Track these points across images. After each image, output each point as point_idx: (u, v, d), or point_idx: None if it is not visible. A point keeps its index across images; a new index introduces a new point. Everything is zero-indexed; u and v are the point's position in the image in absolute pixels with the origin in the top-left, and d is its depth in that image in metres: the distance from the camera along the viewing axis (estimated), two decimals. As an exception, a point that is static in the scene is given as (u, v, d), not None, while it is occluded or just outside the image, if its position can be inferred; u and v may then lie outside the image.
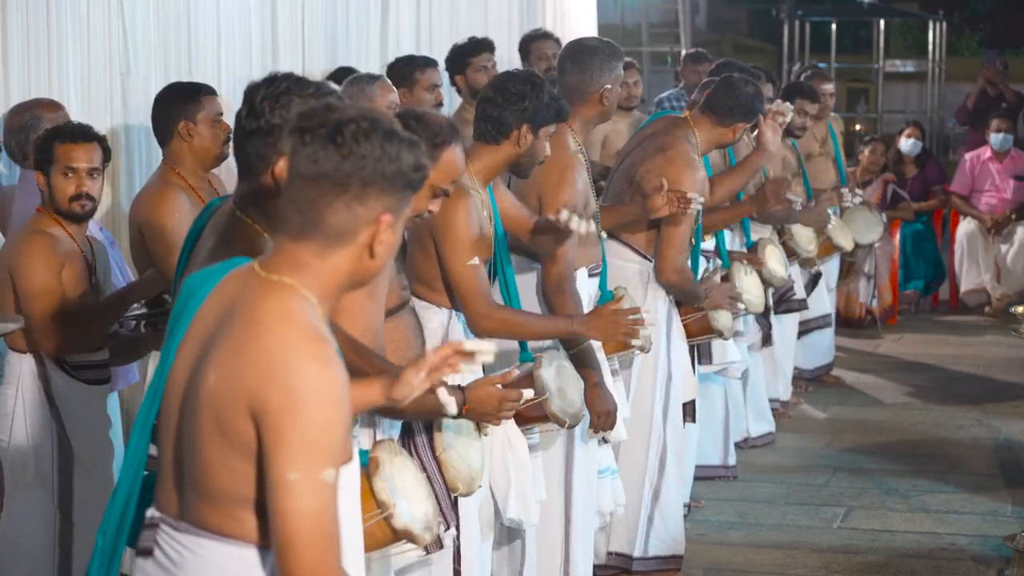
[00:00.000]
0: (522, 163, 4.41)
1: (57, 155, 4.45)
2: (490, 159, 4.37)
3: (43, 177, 4.48)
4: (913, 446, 7.46)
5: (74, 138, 4.48)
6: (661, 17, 15.60)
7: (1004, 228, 10.70)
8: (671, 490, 5.53)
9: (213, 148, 5.01)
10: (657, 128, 5.62)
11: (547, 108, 4.36)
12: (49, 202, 4.49)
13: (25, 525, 4.46)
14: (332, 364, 2.40)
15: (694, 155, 5.45)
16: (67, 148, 4.45)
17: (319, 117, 2.44)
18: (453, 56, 7.28)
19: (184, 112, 4.97)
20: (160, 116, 5.02)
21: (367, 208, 2.44)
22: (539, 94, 4.35)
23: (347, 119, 2.43)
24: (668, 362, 5.49)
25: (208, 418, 2.43)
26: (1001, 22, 24.18)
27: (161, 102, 5.04)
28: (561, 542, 4.83)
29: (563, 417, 4.34)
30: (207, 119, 4.97)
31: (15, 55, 5.23)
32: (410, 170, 2.47)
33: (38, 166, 4.49)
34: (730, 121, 5.55)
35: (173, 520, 2.54)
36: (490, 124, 4.35)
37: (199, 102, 4.98)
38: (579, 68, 5.00)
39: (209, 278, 2.57)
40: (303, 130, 2.44)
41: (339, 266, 2.47)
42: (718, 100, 5.59)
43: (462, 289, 4.18)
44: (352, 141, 2.41)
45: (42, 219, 4.53)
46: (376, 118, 2.46)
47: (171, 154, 5.01)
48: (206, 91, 5.05)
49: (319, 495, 2.35)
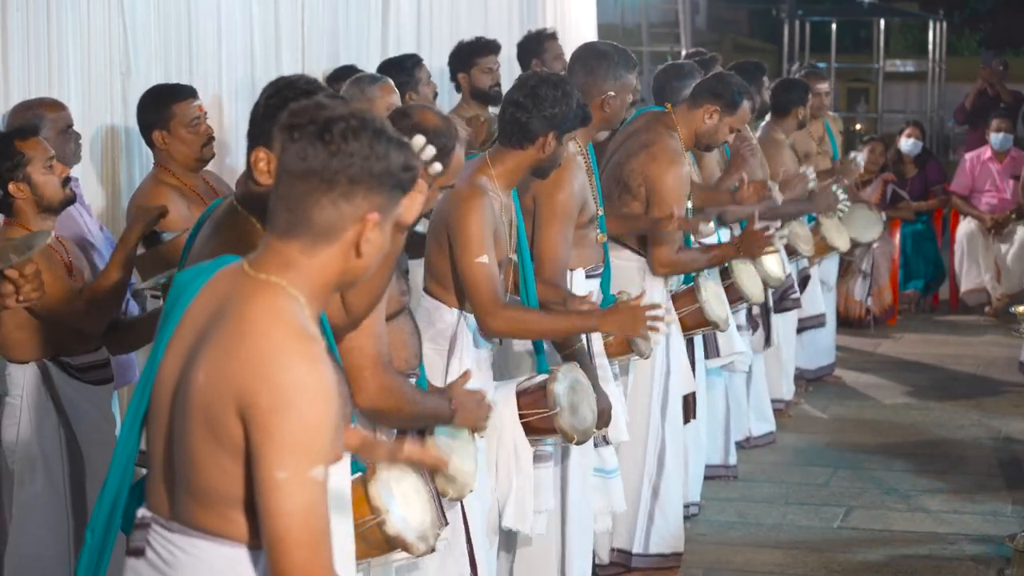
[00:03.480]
0: (543, 166, 4.41)
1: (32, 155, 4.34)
2: (513, 163, 4.36)
3: (21, 184, 4.32)
4: (913, 446, 7.47)
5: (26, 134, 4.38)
6: (661, 17, 15.58)
7: (1004, 228, 10.70)
8: (671, 487, 5.53)
9: (192, 153, 5.02)
10: (639, 125, 5.61)
11: (575, 116, 4.36)
12: (36, 202, 4.37)
13: (38, 534, 4.42)
14: (320, 363, 2.40)
15: (678, 149, 5.46)
16: (29, 144, 4.36)
17: (308, 114, 2.45)
18: (459, 53, 7.27)
19: (157, 121, 4.99)
20: (139, 124, 5.06)
21: (353, 206, 2.44)
22: (569, 101, 4.34)
23: (336, 117, 2.44)
24: (667, 357, 5.50)
25: (198, 418, 2.43)
26: (1001, 22, 24.17)
27: (139, 109, 5.09)
28: (557, 543, 4.83)
29: (572, 433, 4.35)
30: (181, 125, 4.98)
31: (15, 55, 5.22)
32: (398, 170, 2.47)
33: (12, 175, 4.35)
34: (700, 101, 5.54)
35: (165, 520, 2.54)
36: (517, 128, 4.33)
37: (171, 110, 4.99)
38: (585, 71, 5.01)
39: (198, 276, 2.58)
40: (292, 127, 2.44)
41: (326, 265, 2.48)
42: (696, 87, 5.67)
43: (469, 286, 4.17)
44: (340, 139, 2.42)
45: (11, 230, 4.38)
46: (365, 117, 2.46)
47: (157, 156, 5.05)
48: (181, 96, 5.03)
49: (309, 493, 2.35)
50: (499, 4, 9.42)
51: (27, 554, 4.43)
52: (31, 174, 4.32)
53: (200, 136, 5.00)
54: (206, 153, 5.08)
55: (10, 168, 4.31)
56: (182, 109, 4.99)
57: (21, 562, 4.44)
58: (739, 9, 24.18)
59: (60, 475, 4.44)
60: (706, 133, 5.56)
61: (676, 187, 5.33)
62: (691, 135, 5.55)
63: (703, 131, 5.55)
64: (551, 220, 4.71)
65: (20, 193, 4.32)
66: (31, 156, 4.32)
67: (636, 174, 5.37)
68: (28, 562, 4.43)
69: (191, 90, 5.13)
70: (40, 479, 4.42)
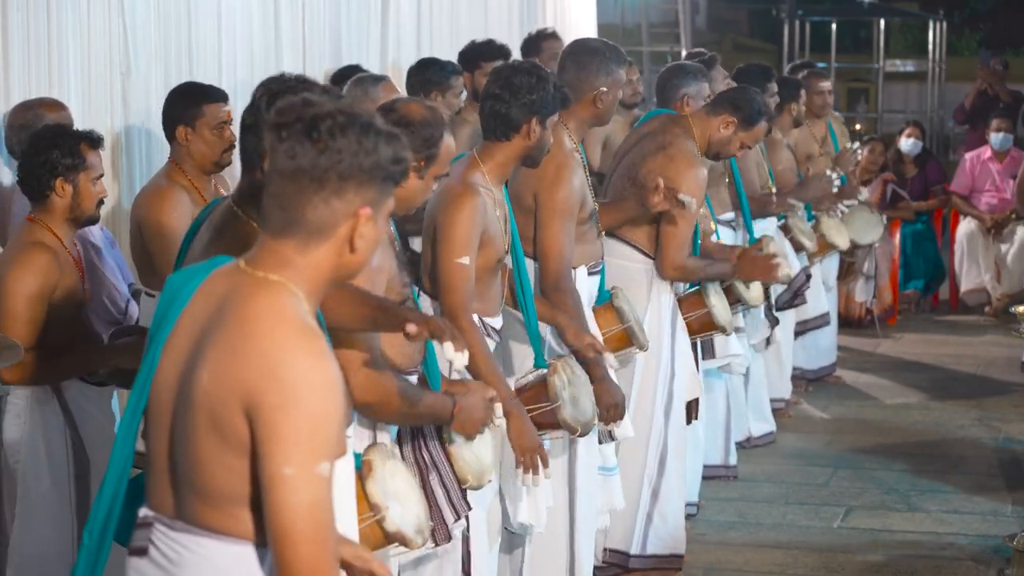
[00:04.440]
0: (532, 155, 4.41)
1: (90, 161, 4.37)
2: (502, 156, 4.36)
3: (67, 185, 4.34)
4: (913, 446, 7.47)
5: (94, 143, 4.42)
6: (661, 17, 15.58)
7: (1004, 228, 10.70)
8: (672, 489, 5.53)
9: (211, 155, 5.00)
10: (654, 126, 5.60)
11: (553, 98, 4.36)
12: (71, 208, 4.39)
13: (42, 533, 4.41)
14: (325, 358, 2.41)
15: (695, 152, 5.45)
16: (92, 153, 4.40)
17: (295, 112, 2.45)
18: (467, 52, 7.31)
19: (184, 117, 4.97)
20: (164, 116, 5.04)
21: (345, 202, 2.44)
22: (545, 85, 4.34)
23: (323, 114, 2.43)
24: (672, 360, 5.50)
25: (203, 417, 2.44)
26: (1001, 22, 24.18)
27: (167, 102, 5.06)
28: (566, 541, 4.83)
29: (575, 425, 4.36)
30: (207, 126, 4.97)
31: (15, 55, 5.23)
32: (388, 163, 2.47)
33: (68, 173, 4.35)
34: (719, 110, 5.54)
35: (169, 519, 2.54)
36: (499, 121, 4.34)
37: (200, 109, 4.97)
38: (576, 67, 5.00)
39: (193, 277, 2.57)
40: (280, 126, 2.44)
41: (320, 261, 2.48)
42: (718, 96, 5.67)
43: (445, 284, 4.17)
44: (328, 136, 2.42)
45: (35, 229, 4.39)
46: (353, 112, 2.46)
47: (175, 153, 5.03)
48: (212, 98, 5.02)
49: (314, 489, 2.36)
50: (499, 4, 9.42)
51: (30, 553, 4.43)
52: (80, 180, 4.35)
53: (223, 141, 5.00)
54: (224, 159, 5.06)
55: (68, 166, 4.33)
56: (212, 111, 4.99)
57: (24, 561, 4.43)
58: (739, 9, 24.19)
59: (65, 475, 4.44)
60: (718, 142, 5.56)
61: (693, 189, 5.32)
62: (705, 141, 5.55)
63: (716, 140, 5.54)
64: (553, 217, 4.71)
65: (63, 192, 4.34)
66: (90, 164, 4.37)
67: (653, 175, 5.34)
68: (31, 561, 4.42)
69: (224, 95, 5.11)
70: (46, 479, 4.42)
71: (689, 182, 5.31)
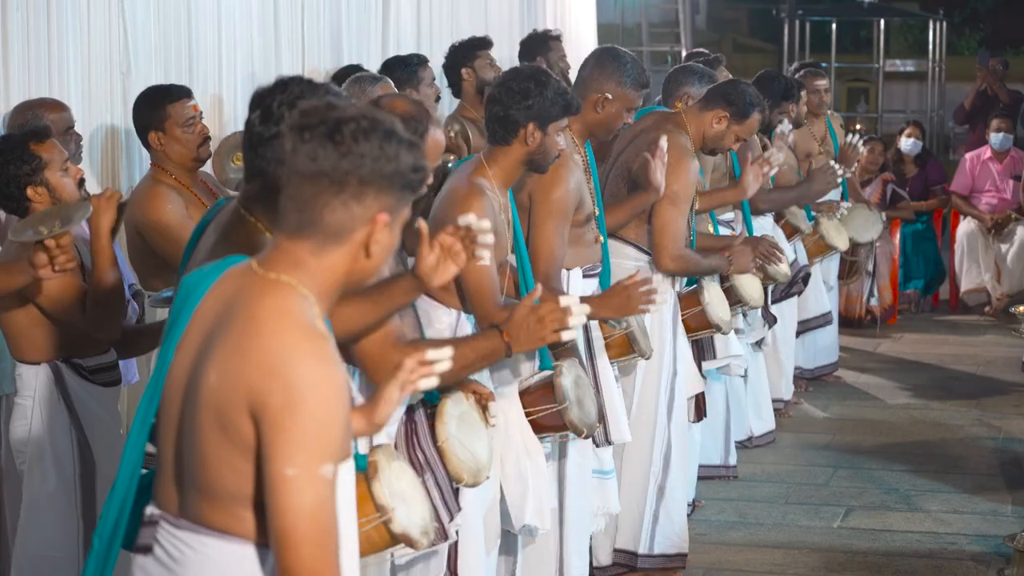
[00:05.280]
0: (536, 160, 4.37)
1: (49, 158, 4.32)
2: (505, 160, 4.34)
3: (39, 188, 4.28)
4: (913, 446, 7.46)
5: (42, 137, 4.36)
6: (661, 17, 15.58)
7: (1004, 228, 10.70)
8: (676, 488, 5.53)
9: (188, 152, 5.02)
10: (647, 124, 5.59)
11: (553, 104, 4.31)
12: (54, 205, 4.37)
13: (47, 534, 4.40)
14: (331, 361, 2.41)
15: (687, 145, 5.46)
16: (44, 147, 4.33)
17: (319, 115, 2.45)
18: (459, 50, 7.25)
19: (152, 122, 5.00)
20: (135, 126, 5.07)
21: (364, 207, 2.44)
22: (543, 90, 4.30)
23: (347, 118, 2.44)
24: (673, 359, 5.50)
25: (209, 416, 2.44)
26: (1001, 22, 24.17)
27: (134, 112, 5.09)
28: (556, 543, 4.82)
29: (581, 427, 4.35)
30: (176, 125, 4.98)
31: (15, 55, 5.23)
32: (408, 170, 2.47)
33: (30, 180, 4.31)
34: (712, 104, 5.54)
35: (173, 518, 2.55)
36: (498, 125, 4.33)
37: (165, 111, 4.99)
38: (594, 64, 5.04)
39: (206, 276, 2.58)
40: (303, 127, 2.45)
41: (335, 265, 2.48)
42: (710, 90, 5.68)
43: (470, 287, 4.16)
44: (351, 140, 2.42)
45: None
46: (376, 118, 2.46)
47: (154, 158, 5.08)
48: (174, 97, 5.03)
49: (318, 491, 2.36)
50: (499, 4, 9.43)
51: (35, 554, 4.42)
52: (48, 178, 4.29)
53: (196, 136, 5.00)
54: (202, 153, 5.08)
55: (28, 172, 4.27)
56: (176, 110, 5.00)
57: (28, 562, 4.43)
58: (739, 9, 24.19)
59: (72, 476, 4.43)
60: (712, 137, 5.55)
61: (686, 181, 5.33)
62: (699, 137, 5.54)
63: (710, 135, 5.54)
64: (546, 217, 4.69)
65: (38, 197, 4.29)
66: (48, 159, 4.29)
67: (647, 168, 5.34)
68: (36, 562, 4.42)
69: (185, 90, 5.12)
70: (52, 480, 4.41)
71: (682, 174, 5.32)
